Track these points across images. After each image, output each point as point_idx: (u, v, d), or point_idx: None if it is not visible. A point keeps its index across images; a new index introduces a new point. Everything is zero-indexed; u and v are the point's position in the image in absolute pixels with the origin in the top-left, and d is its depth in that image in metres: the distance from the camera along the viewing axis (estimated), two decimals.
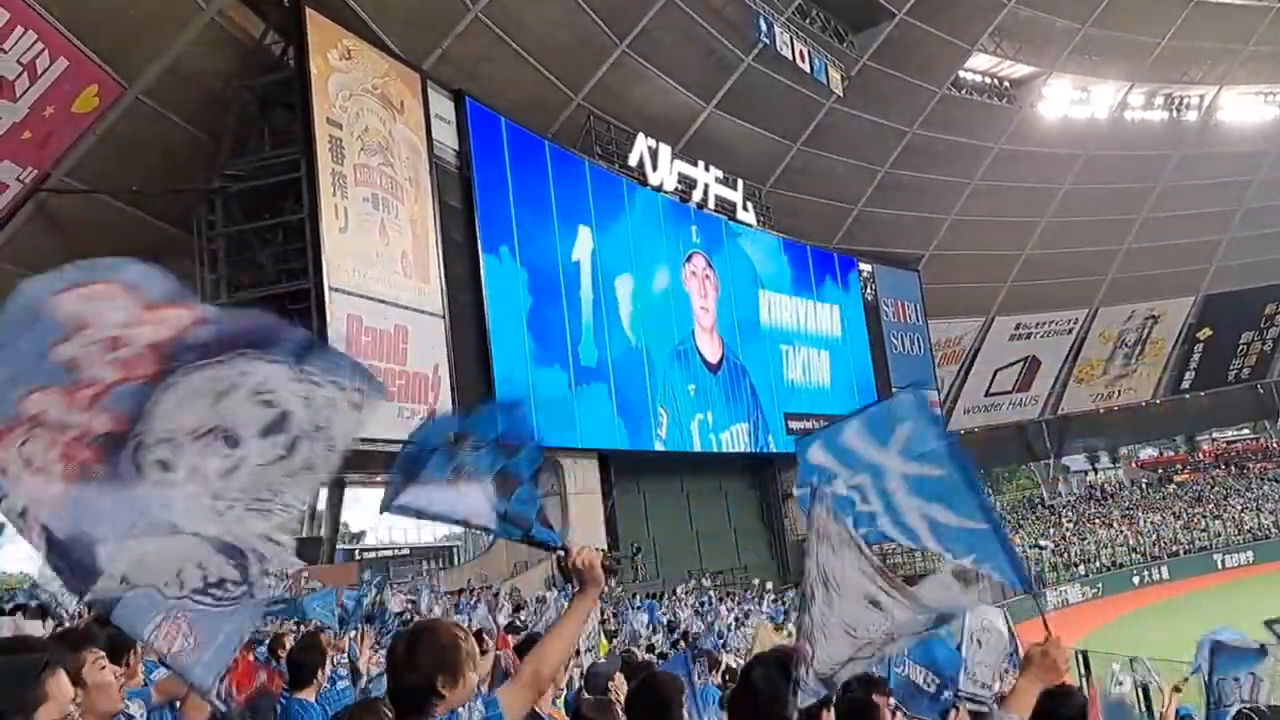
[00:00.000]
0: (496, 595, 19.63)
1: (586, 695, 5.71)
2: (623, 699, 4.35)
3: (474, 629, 9.78)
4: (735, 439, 30.87)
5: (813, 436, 3.28)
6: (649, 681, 3.90)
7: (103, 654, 3.12)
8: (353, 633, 9.17)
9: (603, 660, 6.91)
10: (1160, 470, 56.07)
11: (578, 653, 9.28)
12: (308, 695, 5.81)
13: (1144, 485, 53.63)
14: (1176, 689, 6.79)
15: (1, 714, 2.02)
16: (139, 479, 2.34)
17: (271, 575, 2.51)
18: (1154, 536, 44.50)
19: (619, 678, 5.94)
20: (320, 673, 6.00)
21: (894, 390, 37.51)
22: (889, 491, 3.03)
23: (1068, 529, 46.34)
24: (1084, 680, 15.52)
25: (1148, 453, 59.84)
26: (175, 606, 2.44)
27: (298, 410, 2.42)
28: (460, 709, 2.61)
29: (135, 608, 2.42)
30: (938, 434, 3.06)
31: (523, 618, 15.27)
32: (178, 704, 3.88)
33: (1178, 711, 6.83)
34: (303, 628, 9.47)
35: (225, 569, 2.46)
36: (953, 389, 46.31)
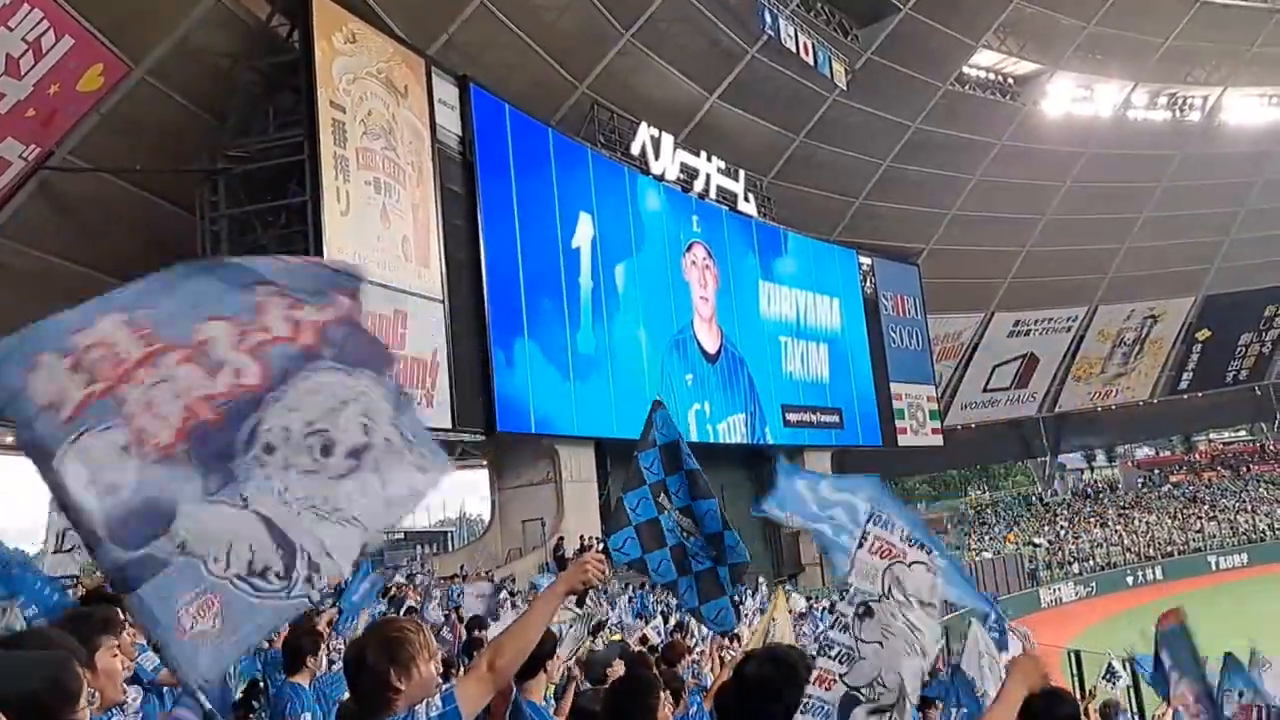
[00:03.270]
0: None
1: (585, 684, 5.73)
2: None
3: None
4: (732, 430, 30.87)
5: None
6: (626, 679, 3.91)
7: (117, 642, 2.96)
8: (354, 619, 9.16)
9: (600, 649, 6.92)
10: (1156, 470, 56.09)
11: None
12: (302, 680, 5.83)
13: (1139, 485, 53.70)
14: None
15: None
16: (247, 450, 2.41)
17: (316, 588, 2.46)
18: (1149, 537, 44.58)
19: (618, 664, 5.96)
20: (313, 658, 6.01)
21: (890, 385, 37.86)
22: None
23: (1062, 527, 46.41)
24: (1075, 680, 15.59)
25: (1144, 452, 59.94)
26: (216, 586, 2.35)
27: (380, 449, 2.55)
28: (419, 705, 2.60)
29: (171, 581, 2.31)
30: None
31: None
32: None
33: (1176, 714, 6.83)
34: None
35: (272, 559, 2.41)
36: (950, 384, 46.39)
